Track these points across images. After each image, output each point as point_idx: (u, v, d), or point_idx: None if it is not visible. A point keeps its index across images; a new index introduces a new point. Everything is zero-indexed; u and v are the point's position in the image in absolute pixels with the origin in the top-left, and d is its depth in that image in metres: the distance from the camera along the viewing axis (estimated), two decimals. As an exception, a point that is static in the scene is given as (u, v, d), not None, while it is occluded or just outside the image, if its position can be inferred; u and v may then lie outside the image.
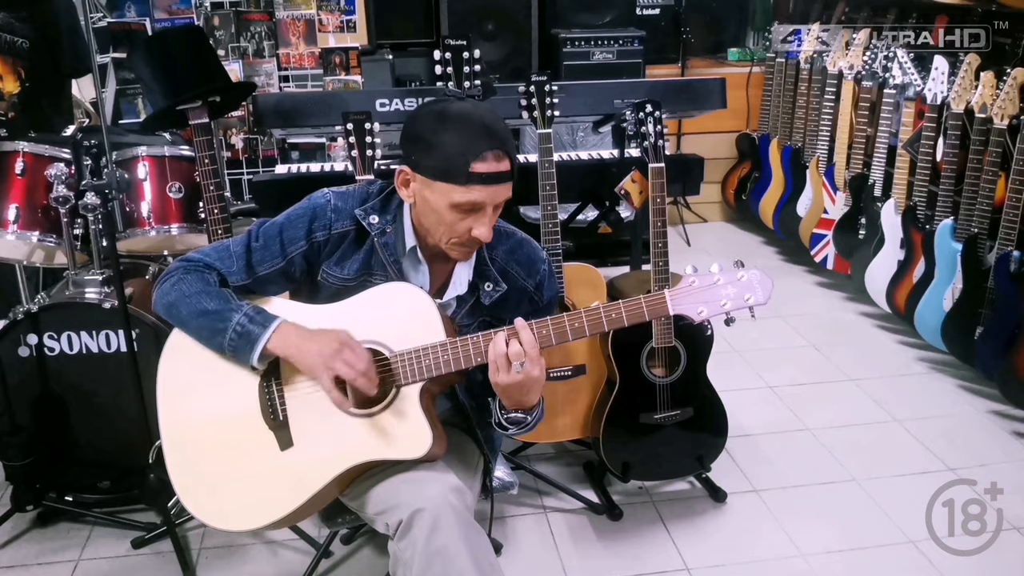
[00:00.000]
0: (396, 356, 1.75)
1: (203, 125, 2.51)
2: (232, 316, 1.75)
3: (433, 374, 1.74)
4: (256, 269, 1.83)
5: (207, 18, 3.72)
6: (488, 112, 1.77)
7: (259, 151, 3.85)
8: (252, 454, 1.79)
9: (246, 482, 1.79)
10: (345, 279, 1.86)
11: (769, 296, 1.71)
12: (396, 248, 1.85)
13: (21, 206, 2.54)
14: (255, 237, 1.84)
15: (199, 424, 1.82)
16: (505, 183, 1.73)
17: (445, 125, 1.70)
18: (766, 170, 4.93)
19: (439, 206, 1.72)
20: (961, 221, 3.45)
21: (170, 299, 1.80)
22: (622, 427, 2.68)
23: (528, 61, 4.67)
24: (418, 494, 1.71)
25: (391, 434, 1.75)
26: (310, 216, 1.84)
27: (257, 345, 1.74)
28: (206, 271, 1.81)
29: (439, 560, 1.65)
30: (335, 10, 3.90)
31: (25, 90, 3.07)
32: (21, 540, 2.65)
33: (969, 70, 3.45)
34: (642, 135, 2.56)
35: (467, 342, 1.73)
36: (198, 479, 1.81)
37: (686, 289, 1.70)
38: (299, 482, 1.77)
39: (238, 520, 1.81)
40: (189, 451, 1.82)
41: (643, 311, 1.71)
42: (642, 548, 2.64)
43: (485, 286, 1.89)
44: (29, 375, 2.57)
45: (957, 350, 3.54)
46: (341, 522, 2.08)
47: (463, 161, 1.67)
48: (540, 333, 1.71)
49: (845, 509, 2.80)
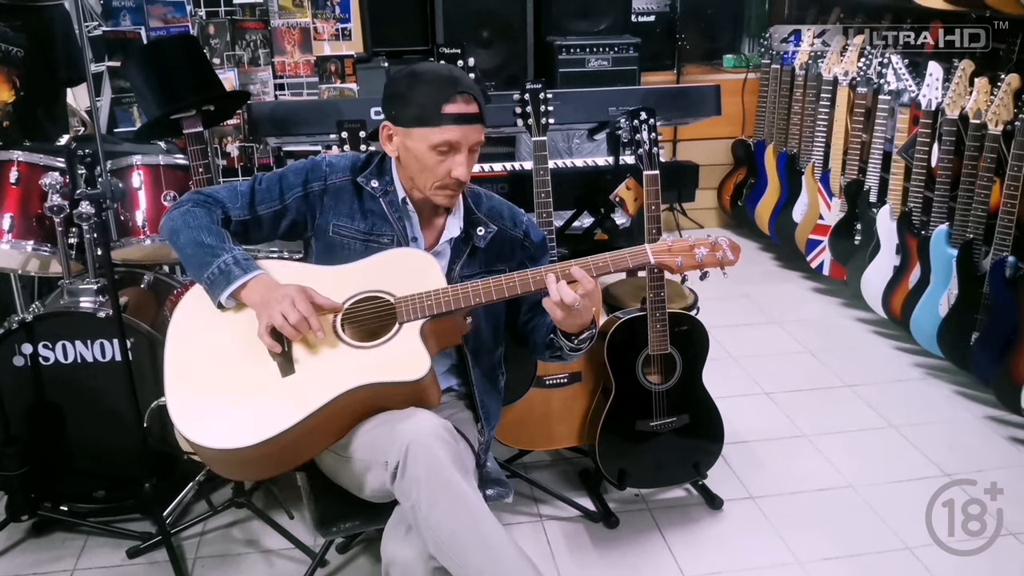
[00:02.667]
0: (399, 300, 1.89)
1: (197, 134, 2.52)
2: (222, 254, 1.91)
3: (434, 312, 1.87)
4: (257, 208, 2.03)
5: (202, 26, 3.72)
6: (454, 66, 2.08)
7: (255, 159, 3.84)
8: (253, 378, 1.86)
9: (245, 402, 1.84)
10: (356, 231, 2.03)
11: (738, 257, 1.92)
12: (399, 204, 2.03)
13: (16, 215, 2.54)
14: (259, 181, 2.06)
15: (204, 358, 1.90)
16: (475, 123, 1.92)
17: (417, 79, 1.92)
18: (762, 176, 4.93)
19: (420, 151, 1.92)
20: (956, 227, 3.46)
21: (175, 225, 1.97)
22: (618, 434, 2.68)
23: (523, 69, 4.68)
24: (411, 429, 1.79)
25: (390, 360, 1.85)
26: (308, 168, 2.07)
27: (231, 285, 1.88)
28: (213, 206, 2.00)
29: (443, 487, 1.73)
30: (330, 18, 3.89)
31: (20, 99, 3.07)
32: (16, 550, 2.64)
33: (963, 76, 3.45)
34: (637, 142, 2.56)
35: (466, 286, 1.89)
36: (198, 403, 1.85)
37: (664, 246, 1.92)
38: (298, 402, 1.81)
39: (235, 437, 1.80)
40: (191, 381, 1.88)
41: (627, 260, 1.91)
42: (639, 556, 2.63)
43: (478, 231, 2.07)
44: (24, 384, 2.56)
45: (953, 355, 3.54)
46: (336, 531, 2.07)
47: (435, 105, 1.88)
48: (563, 271, 1.87)
49: (842, 516, 2.79)
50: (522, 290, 1.88)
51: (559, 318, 1.89)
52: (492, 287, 1.88)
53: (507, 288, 1.88)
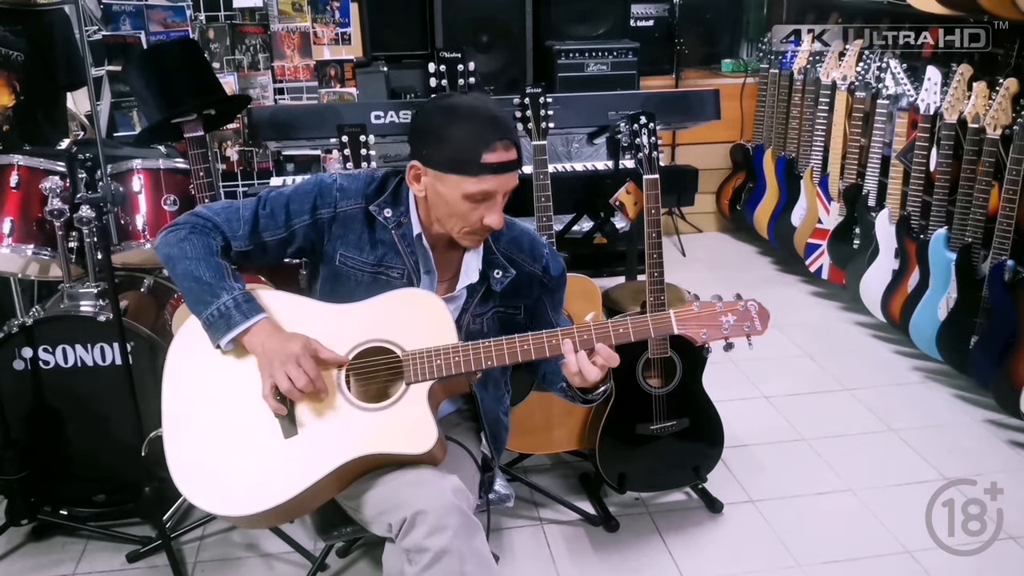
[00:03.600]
0: (408, 355, 1.79)
1: (198, 138, 2.52)
2: (221, 295, 1.79)
3: (443, 374, 1.78)
4: (261, 235, 1.91)
5: (202, 31, 3.73)
6: (493, 104, 1.83)
7: (255, 163, 3.85)
8: (254, 440, 1.78)
9: (245, 467, 1.77)
10: (363, 263, 1.92)
11: (767, 326, 1.83)
12: (412, 238, 1.91)
13: (16, 219, 2.54)
14: (263, 204, 1.91)
15: (203, 408, 1.82)
16: (514, 171, 1.80)
17: (454, 119, 1.76)
18: (760, 180, 4.94)
19: (452, 198, 1.78)
20: (955, 231, 3.46)
21: (171, 252, 1.85)
22: (618, 438, 2.68)
23: (523, 73, 4.68)
24: (420, 495, 1.72)
25: (396, 429, 1.77)
26: (316, 193, 1.92)
27: (232, 331, 1.78)
28: (212, 233, 1.87)
29: (442, 560, 1.66)
30: (330, 23, 3.90)
31: (20, 103, 3.07)
32: (16, 554, 2.64)
33: (962, 80, 3.46)
34: (636, 146, 2.56)
35: (478, 346, 1.78)
36: (197, 462, 1.78)
37: (690, 313, 1.81)
38: (300, 471, 1.75)
39: (234, 506, 1.76)
40: (189, 434, 1.80)
41: (649, 328, 1.81)
42: (639, 560, 2.63)
43: (495, 273, 1.95)
44: (24, 388, 2.56)
45: (952, 359, 3.54)
46: (337, 535, 2.07)
47: (474, 153, 1.73)
48: (582, 338, 1.79)
49: (841, 519, 2.80)
50: (536, 355, 1.79)
51: (576, 383, 1.83)
52: (506, 351, 1.78)
53: (521, 353, 1.78)
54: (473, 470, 2.00)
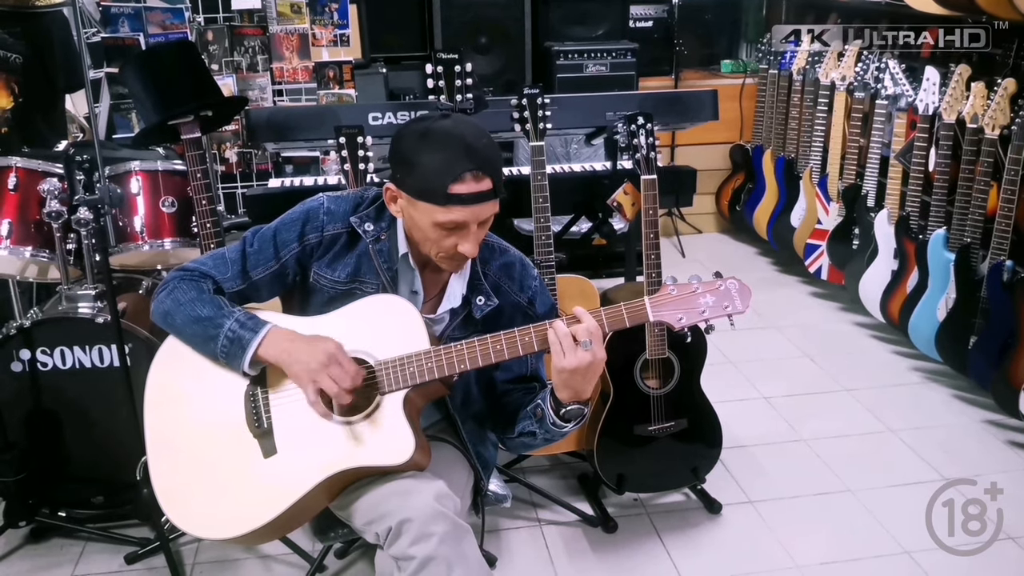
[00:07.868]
0: (380, 364, 1.76)
1: (195, 140, 2.51)
2: (224, 322, 1.76)
3: (416, 381, 1.74)
4: (251, 273, 1.86)
5: (200, 33, 3.73)
6: (472, 129, 1.75)
7: (253, 165, 3.85)
8: (235, 462, 1.78)
9: (228, 490, 1.77)
10: (335, 281, 1.87)
11: (748, 305, 1.75)
12: (390, 255, 1.87)
13: (14, 221, 2.54)
14: (249, 243, 1.87)
15: (183, 432, 1.81)
16: (487, 202, 1.72)
17: (425, 145, 1.71)
18: (760, 181, 4.94)
19: (423, 224, 1.74)
20: (954, 231, 3.46)
21: (165, 307, 1.81)
22: (616, 439, 2.68)
23: (521, 74, 4.69)
24: (405, 503, 1.71)
25: (374, 441, 1.75)
26: (303, 219, 1.87)
27: (248, 350, 1.74)
28: (201, 280, 1.83)
29: (428, 567, 1.66)
30: (328, 24, 3.91)
31: (18, 105, 3.07)
32: (14, 556, 2.64)
33: (960, 81, 3.46)
34: (634, 147, 2.56)
35: (450, 350, 1.74)
36: (181, 487, 1.79)
37: (666, 297, 1.74)
38: (281, 490, 1.75)
39: (220, 528, 1.77)
40: (172, 459, 1.81)
41: (623, 317, 1.74)
42: (637, 561, 2.63)
43: (477, 300, 1.90)
44: (22, 390, 2.56)
45: (951, 360, 3.54)
46: (334, 536, 2.07)
47: (441, 183, 1.68)
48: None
49: (840, 520, 2.79)
50: (510, 355, 1.73)
51: (561, 386, 1.74)
52: (479, 352, 1.72)
53: (494, 353, 1.72)
54: (466, 471, 1.98)
